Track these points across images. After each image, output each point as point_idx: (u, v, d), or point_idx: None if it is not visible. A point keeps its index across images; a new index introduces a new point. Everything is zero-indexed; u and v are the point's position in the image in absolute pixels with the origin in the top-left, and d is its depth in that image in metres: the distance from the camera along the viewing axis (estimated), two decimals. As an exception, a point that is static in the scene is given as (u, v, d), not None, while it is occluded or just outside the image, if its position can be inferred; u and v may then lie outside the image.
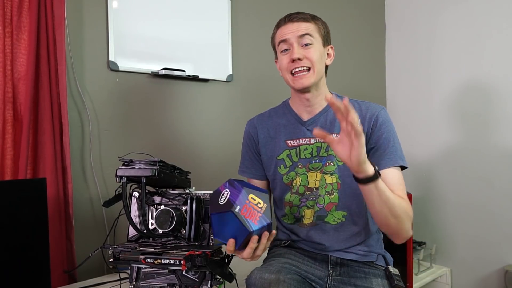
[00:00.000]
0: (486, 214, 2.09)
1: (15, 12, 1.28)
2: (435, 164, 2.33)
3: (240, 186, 0.87)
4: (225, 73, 1.85)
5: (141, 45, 1.60)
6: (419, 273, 2.11)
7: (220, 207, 0.85)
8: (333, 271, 1.09)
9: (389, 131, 1.07)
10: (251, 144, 1.21)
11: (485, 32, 2.09)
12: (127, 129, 1.59)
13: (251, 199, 0.85)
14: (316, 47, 1.05)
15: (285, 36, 1.06)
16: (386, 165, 1.03)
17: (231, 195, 0.86)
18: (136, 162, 0.99)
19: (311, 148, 1.11)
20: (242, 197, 0.85)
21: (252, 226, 0.83)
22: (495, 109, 2.06)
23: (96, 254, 1.17)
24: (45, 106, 1.32)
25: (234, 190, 0.87)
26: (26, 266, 1.12)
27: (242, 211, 0.83)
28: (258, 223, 0.84)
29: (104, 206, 1.06)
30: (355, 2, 2.47)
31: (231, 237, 0.85)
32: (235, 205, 0.83)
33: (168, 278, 1.02)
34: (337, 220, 1.10)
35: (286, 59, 1.06)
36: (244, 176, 1.24)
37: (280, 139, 1.15)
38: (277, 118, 1.19)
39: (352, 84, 2.43)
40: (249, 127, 1.24)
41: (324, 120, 1.11)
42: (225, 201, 0.85)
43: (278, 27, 1.10)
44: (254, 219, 0.84)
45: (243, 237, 0.84)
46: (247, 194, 0.86)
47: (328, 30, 1.12)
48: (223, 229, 0.86)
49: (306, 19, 1.06)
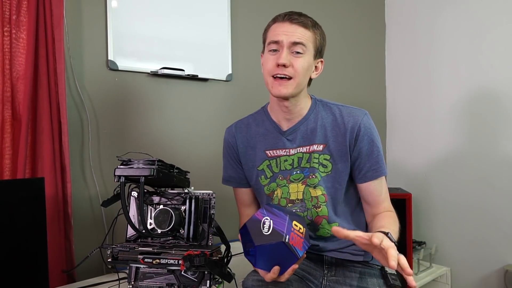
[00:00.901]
0: (486, 214, 2.09)
1: (13, 11, 1.27)
2: (435, 164, 2.33)
3: (284, 214, 0.84)
4: (225, 72, 1.85)
5: (141, 44, 1.60)
6: (419, 273, 2.11)
7: (266, 238, 0.81)
8: (328, 271, 1.09)
9: (373, 140, 1.04)
10: (232, 153, 1.17)
11: (485, 31, 2.08)
12: (126, 128, 1.58)
13: (294, 226, 0.83)
14: (305, 58, 0.99)
15: (278, 37, 0.99)
16: (372, 178, 1.04)
17: (275, 224, 0.82)
18: (134, 161, 0.99)
19: (291, 160, 1.07)
20: (288, 225, 0.82)
21: (299, 253, 0.81)
22: (495, 109, 2.05)
23: (94, 254, 1.16)
24: (44, 105, 1.32)
25: (276, 218, 0.83)
26: (24, 266, 1.11)
27: (290, 240, 0.80)
28: (302, 248, 0.82)
29: (103, 206, 1.06)
30: (355, 1, 2.46)
31: (275, 265, 0.82)
32: (284, 235, 0.80)
33: (167, 278, 1.02)
34: (330, 232, 1.07)
35: (272, 61, 0.99)
36: (230, 185, 1.21)
37: (260, 149, 1.11)
38: (255, 126, 1.14)
39: (352, 83, 2.42)
40: (228, 136, 1.18)
41: (304, 129, 1.07)
42: (270, 231, 0.81)
43: (275, 21, 1.02)
44: (299, 245, 0.82)
45: (291, 264, 0.82)
46: (291, 221, 0.83)
47: (324, 43, 1.05)
48: (269, 259, 0.82)
49: (306, 25, 0.99)
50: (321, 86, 1.12)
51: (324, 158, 1.05)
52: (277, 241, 0.79)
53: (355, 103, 1.14)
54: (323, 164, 1.05)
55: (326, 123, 1.06)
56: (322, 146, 1.05)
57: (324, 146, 1.05)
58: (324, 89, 1.22)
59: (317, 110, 1.08)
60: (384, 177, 1.06)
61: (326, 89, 1.11)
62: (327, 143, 1.05)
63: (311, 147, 1.05)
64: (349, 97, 2.34)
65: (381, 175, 1.04)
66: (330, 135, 1.05)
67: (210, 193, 1.09)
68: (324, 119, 1.06)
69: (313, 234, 1.09)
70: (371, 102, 2.53)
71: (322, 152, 1.05)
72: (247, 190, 1.19)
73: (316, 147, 1.05)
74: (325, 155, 1.05)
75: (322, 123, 1.06)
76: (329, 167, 1.05)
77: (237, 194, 1.22)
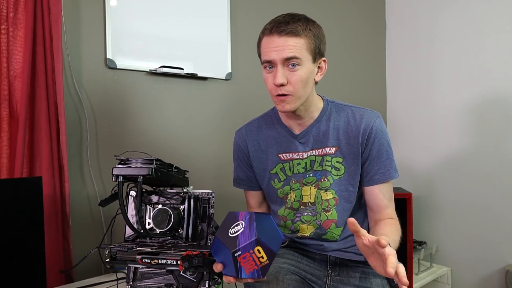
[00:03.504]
0: (486, 214, 2.08)
1: (11, 9, 1.26)
2: (435, 164, 2.32)
3: (255, 233, 0.79)
4: (224, 71, 1.84)
5: (139, 42, 1.59)
6: (419, 272, 2.10)
7: (226, 239, 0.81)
8: (332, 271, 1.08)
9: (383, 143, 1.03)
10: (242, 156, 1.16)
11: (486, 30, 2.07)
12: (124, 127, 1.57)
13: (256, 251, 0.79)
14: (303, 69, 0.95)
15: (269, 56, 0.95)
16: (379, 181, 1.03)
17: (241, 235, 0.80)
18: (132, 160, 0.98)
19: (304, 163, 1.06)
20: (249, 245, 0.78)
21: (242, 274, 0.79)
22: (496, 109, 2.04)
23: (93, 254, 1.16)
24: (42, 104, 1.31)
25: (248, 231, 0.80)
26: (21, 266, 1.10)
27: (240, 257, 0.78)
28: (250, 274, 0.79)
29: (100, 205, 1.05)
30: (355, 1, 2.45)
31: (220, 262, 0.82)
32: (237, 249, 0.78)
33: (165, 278, 1.01)
34: (336, 236, 1.07)
35: (270, 80, 0.97)
36: (240, 188, 1.21)
37: (272, 152, 1.10)
38: (267, 129, 1.12)
39: (353, 83, 2.42)
40: (238, 139, 1.17)
41: (316, 132, 1.06)
42: (232, 236, 0.80)
43: (264, 34, 0.98)
44: (248, 269, 0.79)
45: (229, 273, 0.81)
46: (255, 245, 0.79)
47: (321, 41, 0.99)
48: (218, 253, 0.83)
49: (296, 33, 0.93)
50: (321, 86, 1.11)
51: (337, 161, 1.04)
52: (228, 247, 0.79)
53: (355, 103, 1.13)
54: (336, 167, 1.04)
55: (338, 125, 1.05)
56: (335, 149, 1.04)
57: (336, 149, 1.04)
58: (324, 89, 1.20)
59: (329, 112, 1.07)
60: (391, 183, 1.05)
61: (326, 89, 1.10)
62: (339, 146, 1.04)
63: (324, 150, 1.05)
64: (349, 97, 2.33)
65: (388, 179, 1.03)
66: (343, 137, 1.04)
67: (209, 192, 1.09)
68: (337, 121, 1.05)
69: (319, 238, 1.08)
70: (371, 102, 2.53)
71: (335, 155, 1.04)
72: (257, 193, 1.19)
73: (329, 150, 1.04)
74: (338, 157, 1.04)
75: (335, 126, 1.05)
76: (342, 170, 1.04)
77: (248, 196, 1.22)
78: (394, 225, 1.01)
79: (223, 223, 0.84)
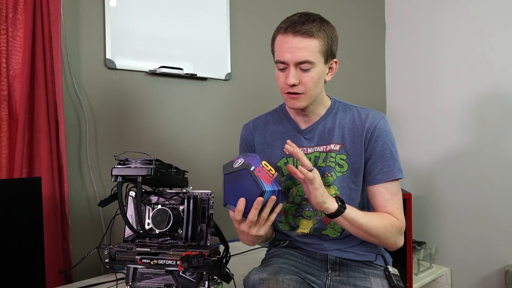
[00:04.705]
0: (486, 214, 2.08)
1: (10, 9, 1.26)
2: (435, 164, 2.32)
3: (254, 155, 0.91)
4: (224, 71, 1.84)
5: (139, 43, 1.59)
6: (419, 273, 2.10)
7: (235, 169, 0.86)
8: (332, 271, 1.08)
9: (387, 142, 1.04)
10: (248, 150, 1.18)
11: (486, 29, 2.07)
12: (124, 127, 1.57)
13: (264, 165, 0.88)
14: (315, 71, 0.98)
15: (283, 57, 0.97)
16: (382, 180, 1.03)
17: (245, 160, 0.88)
18: (132, 161, 0.98)
19: (308, 158, 1.05)
20: (256, 161, 0.87)
21: (265, 187, 0.84)
22: (496, 109, 2.04)
23: (92, 254, 1.16)
24: (41, 104, 1.30)
25: (248, 157, 0.89)
26: (21, 267, 1.10)
27: (256, 171, 0.85)
28: (270, 185, 0.85)
29: (100, 205, 1.05)
30: (355, 1, 2.45)
31: (242, 197, 0.85)
32: (250, 165, 0.85)
33: (165, 279, 1.01)
34: (336, 233, 1.07)
35: (282, 79, 1.00)
36: None
37: (277, 147, 1.12)
38: (273, 124, 1.15)
39: (352, 83, 2.42)
40: (245, 132, 1.19)
41: (322, 129, 1.08)
42: (240, 164, 0.87)
43: (278, 33, 0.99)
44: (267, 181, 0.85)
45: (255, 197, 0.84)
46: (261, 160, 0.89)
47: (333, 42, 1.01)
48: (235, 190, 0.86)
49: (310, 34, 0.95)
50: (321, 86, 1.11)
51: (341, 158, 1.05)
52: (242, 168, 0.85)
53: (355, 103, 1.13)
54: (339, 164, 1.05)
55: (344, 123, 1.07)
56: (339, 146, 1.06)
57: (341, 146, 1.05)
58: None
59: (335, 110, 1.10)
60: (396, 183, 1.04)
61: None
62: (344, 143, 1.05)
63: (328, 147, 1.06)
64: (349, 97, 2.31)
65: (391, 178, 1.03)
66: (348, 135, 1.06)
67: (208, 192, 1.09)
68: (342, 119, 1.08)
69: (319, 233, 1.09)
70: (371, 102, 2.53)
71: (339, 152, 1.05)
72: None
73: (333, 146, 1.06)
74: (342, 155, 1.05)
75: (340, 123, 1.07)
76: (345, 167, 1.05)
77: None
78: (384, 215, 1.01)
79: (224, 169, 0.88)
